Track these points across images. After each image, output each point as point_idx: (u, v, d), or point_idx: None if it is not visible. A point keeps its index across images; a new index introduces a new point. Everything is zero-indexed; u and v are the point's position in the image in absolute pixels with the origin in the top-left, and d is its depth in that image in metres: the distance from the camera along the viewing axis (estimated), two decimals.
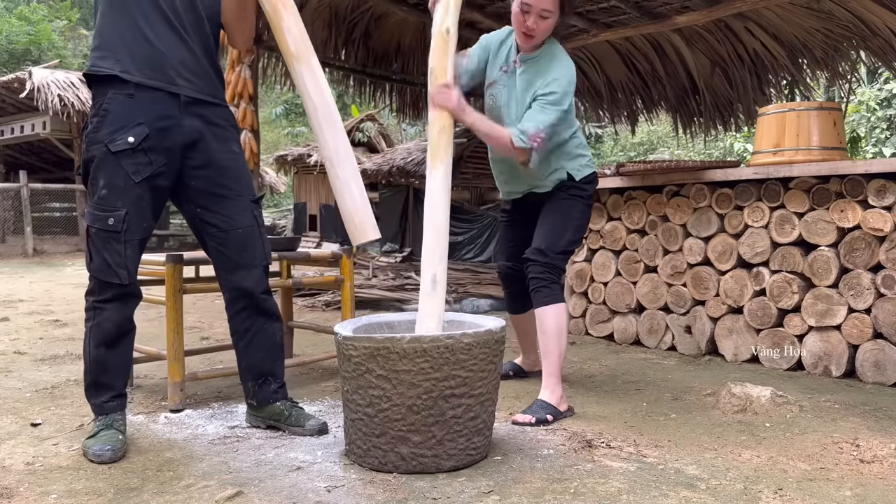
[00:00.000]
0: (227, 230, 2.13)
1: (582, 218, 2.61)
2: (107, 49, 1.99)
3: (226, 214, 2.13)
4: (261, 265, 2.18)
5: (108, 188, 1.97)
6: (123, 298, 2.04)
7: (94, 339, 2.04)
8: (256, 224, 2.18)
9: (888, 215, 2.89)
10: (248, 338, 2.21)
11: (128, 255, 2.00)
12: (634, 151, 15.89)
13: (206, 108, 2.10)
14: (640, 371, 3.19)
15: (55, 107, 10.55)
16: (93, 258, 2.01)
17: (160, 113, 2.00)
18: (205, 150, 2.10)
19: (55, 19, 20.80)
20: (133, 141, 1.96)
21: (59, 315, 4.82)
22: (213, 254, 2.18)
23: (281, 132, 21.00)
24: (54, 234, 12.76)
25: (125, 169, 1.97)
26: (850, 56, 5.15)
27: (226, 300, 2.22)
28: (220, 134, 2.14)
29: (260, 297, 2.19)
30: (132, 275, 2.03)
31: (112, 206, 1.97)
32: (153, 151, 2.00)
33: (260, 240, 2.18)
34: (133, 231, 2.00)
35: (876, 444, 2.10)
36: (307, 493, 1.70)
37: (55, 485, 1.77)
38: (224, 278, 2.19)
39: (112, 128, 1.96)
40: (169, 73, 2.01)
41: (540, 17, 2.39)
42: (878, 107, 10.14)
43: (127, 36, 1.98)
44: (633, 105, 6.69)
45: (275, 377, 2.25)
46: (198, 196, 2.13)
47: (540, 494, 1.70)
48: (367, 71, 6.35)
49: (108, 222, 1.97)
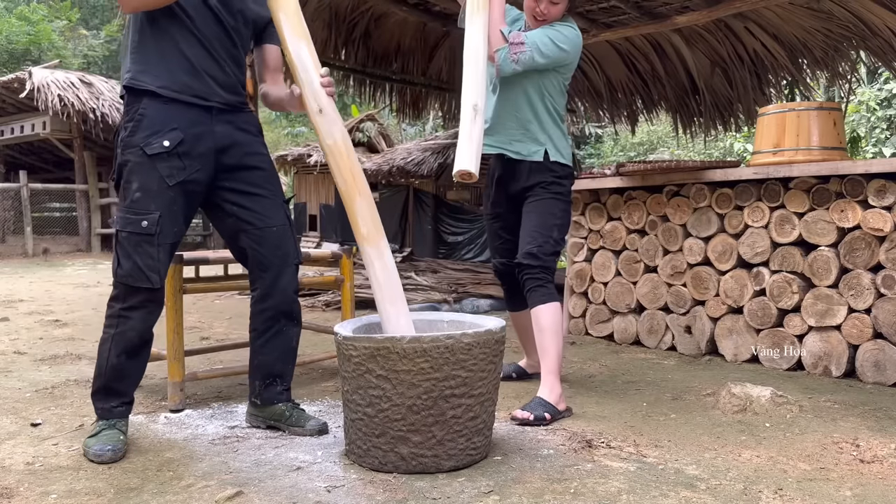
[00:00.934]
0: (263, 227, 2.17)
1: (564, 217, 2.67)
2: (146, 64, 2.05)
3: (261, 212, 2.18)
4: (293, 263, 2.22)
5: (142, 191, 2.00)
6: (150, 306, 2.05)
7: (116, 348, 2.03)
8: (288, 223, 2.23)
9: (888, 215, 2.89)
10: (267, 338, 2.23)
11: (160, 258, 2.02)
12: (634, 151, 15.89)
13: (235, 115, 2.17)
14: (640, 371, 3.19)
15: (55, 107, 10.54)
16: (121, 263, 2.01)
17: (193, 119, 2.06)
18: (237, 154, 2.16)
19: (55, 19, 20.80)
20: (168, 145, 2.00)
21: (59, 315, 4.82)
22: (248, 251, 2.20)
23: (281, 132, 21.01)
24: (54, 234, 12.75)
25: (160, 172, 2.00)
26: (850, 56, 5.15)
27: (255, 297, 2.23)
28: (249, 139, 2.20)
29: (291, 296, 2.22)
30: (163, 279, 2.05)
31: (145, 209, 1.99)
32: (187, 157, 2.04)
33: (292, 238, 2.23)
34: (165, 235, 2.02)
35: (876, 444, 2.10)
36: (307, 493, 1.70)
37: (55, 485, 1.77)
38: (257, 276, 2.21)
39: (148, 132, 2.01)
40: (204, 91, 2.08)
41: (551, 3, 2.53)
42: (878, 107, 10.14)
43: (167, 55, 2.05)
44: (633, 105, 6.69)
45: (283, 380, 2.26)
46: (234, 196, 2.17)
47: (540, 494, 1.70)
48: (367, 71, 6.35)
49: (141, 225, 1.99)
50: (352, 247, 3.23)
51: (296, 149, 13.01)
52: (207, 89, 2.09)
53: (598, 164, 15.25)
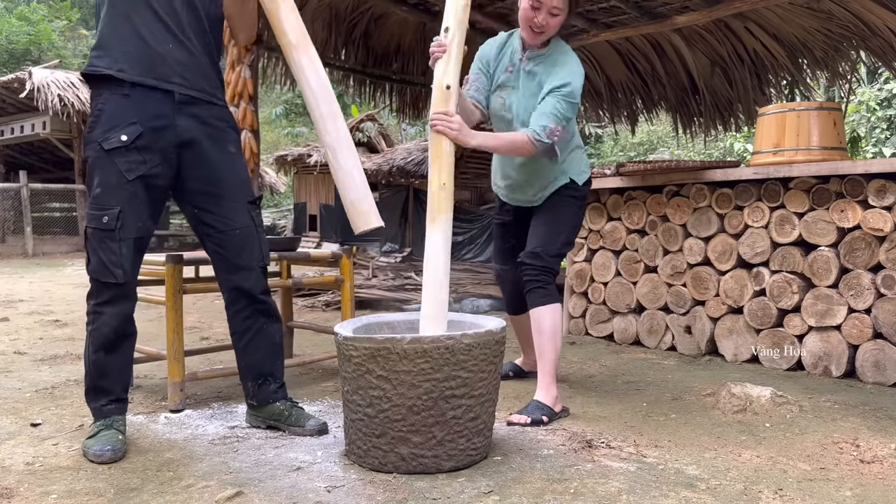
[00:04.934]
0: (225, 231, 2.14)
1: (576, 219, 2.63)
2: (103, 49, 2.01)
3: (223, 215, 2.13)
4: (258, 266, 2.19)
5: (102, 187, 1.99)
6: (120, 300, 2.03)
7: (93, 344, 2.04)
8: (254, 225, 2.18)
9: (888, 215, 2.89)
10: (248, 338, 2.22)
11: (123, 253, 2.00)
12: (634, 151, 15.88)
13: (202, 108, 2.10)
14: (640, 371, 3.19)
15: (55, 107, 10.55)
16: (90, 259, 2.02)
17: (154, 112, 2.01)
18: (199, 151, 2.10)
19: (55, 19, 20.80)
20: (126, 139, 1.97)
21: (59, 315, 4.82)
22: (212, 254, 2.19)
23: (281, 132, 21.00)
24: (54, 234, 12.75)
25: (118, 167, 1.98)
26: (850, 56, 5.15)
27: (225, 300, 2.22)
28: (216, 135, 2.13)
29: (259, 297, 2.19)
30: (128, 274, 2.02)
31: (106, 205, 1.98)
32: (147, 151, 2.00)
33: (258, 240, 2.18)
34: (127, 229, 2.00)
35: (876, 444, 2.10)
36: (307, 493, 1.70)
37: (55, 485, 1.77)
38: (223, 279, 2.19)
39: (106, 127, 1.98)
40: (164, 71, 2.02)
41: (550, 15, 2.40)
42: (878, 107, 10.14)
43: (123, 36, 2.00)
44: (633, 105, 6.69)
45: (274, 377, 2.25)
46: (194, 197, 2.14)
47: (540, 494, 1.70)
48: (367, 71, 6.35)
49: (102, 220, 1.98)
50: (352, 247, 3.23)
51: (296, 149, 13.01)
52: (166, 69, 2.01)
53: (598, 164, 15.25)
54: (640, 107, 6.71)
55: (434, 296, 2.04)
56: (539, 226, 2.59)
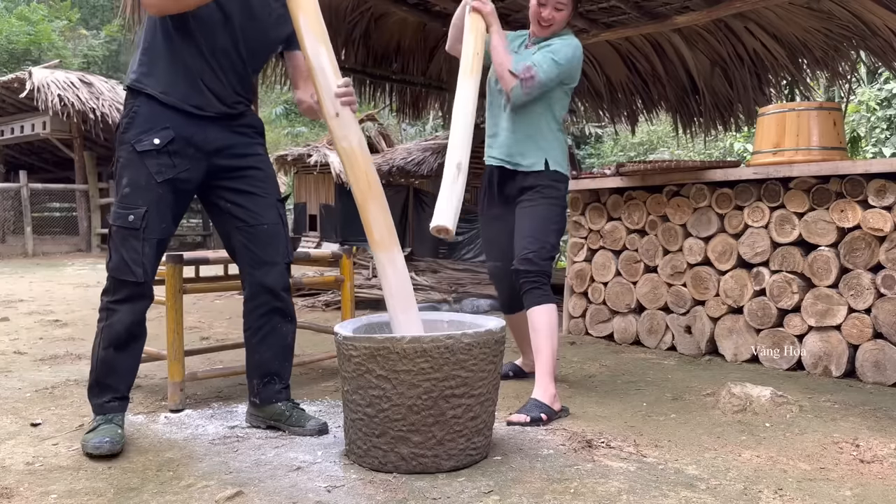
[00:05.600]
0: (255, 225, 2.18)
1: (560, 221, 2.72)
2: (151, 67, 2.07)
3: (254, 210, 2.19)
4: (283, 262, 2.23)
5: (131, 186, 2.03)
6: (136, 299, 2.07)
7: (104, 340, 2.07)
8: (281, 222, 2.24)
9: (888, 215, 2.89)
10: (261, 335, 2.23)
11: (145, 252, 2.04)
12: (634, 151, 15.88)
13: (232, 119, 2.18)
14: (640, 371, 3.19)
15: (55, 107, 10.53)
16: (111, 256, 2.06)
17: (187, 122, 2.08)
18: (232, 155, 2.17)
19: (55, 19, 20.80)
20: (158, 143, 2.03)
21: (59, 315, 4.82)
22: (239, 248, 2.22)
23: (281, 132, 21.01)
24: (54, 234, 12.74)
25: (148, 169, 2.03)
26: (850, 56, 5.16)
27: (245, 296, 2.25)
28: (245, 140, 2.21)
29: (280, 294, 2.22)
30: (148, 273, 2.06)
31: (133, 204, 2.03)
32: (177, 155, 2.06)
33: (284, 237, 2.24)
34: (152, 230, 2.04)
35: (876, 444, 2.10)
36: (307, 493, 1.70)
37: (55, 485, 1.77)
38: (248, 273, 2.22)
39: (139, 129, 2.04)
40: (201, 102, 2.10)
41: (555, 9, 2.60)
42: (878, 107, 10.14)
43: (172, 62, 2.07)
44: (633, 105, 6.69)
45: (280, 378, 2.26)
46: (227, 194, 2.19)
47: (540, 494, 1.70)
48: (367, 71, 6.35)
49: (128, 219, 2.02)
50: (352, 247, 3.23)
51: (296, 149, 13.01)
52: (205, 102, 2.10)
53: (598, 164, 15.25)
54: (640, 107, 6.72)
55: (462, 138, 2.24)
56: (526, 229, 2.65)
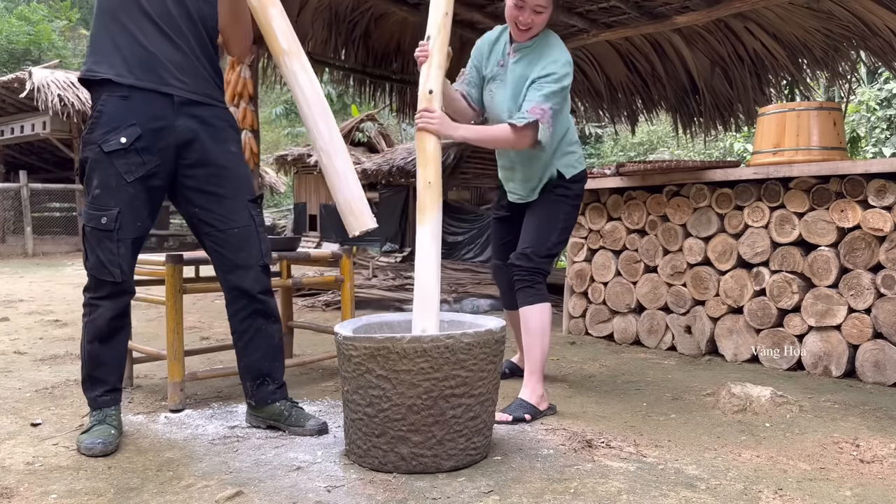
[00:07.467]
0: (224, 230, 2.14)
1: (568, 219, 2.61)
2: (100, 54, 2.03)
3: (222, 214, 2.14)
4: (258, 264, 2.18)
5: (102, 188, 2.01)
6: (117, 296, 2.08)
7: (88, 335, 2.09)
8: (254, 223, 2.18)
9: (888, 215, 2.89)
10: (247, 338, 2.22)
11: (121, 253, 2.03)
12: (634, 151, 15.89)
13: (202, 109, 2.11)
14: (640, 371, 3.19)
15: (55, 107, 10.55)
16: (88, 256, 2.06)
17: (153, 114, 2.03)
18: (199, 150, 2.11)
19: (55, 19, 20.81)
20: (125, 141, 1.99)
21: (59, 315, 4.82)
22: (212, 254, 2.19)
23: (281, 132, 21.01)
24: (54, 234, 12.74)
25: (117, 169, 2.00)
26: (850, 56, 5.16)
27: (226, 300, 2.23)
28: (216, 134, 2.14)
29: (258, 297, 2.19)
30: (126, 273, 2.06)
31: (105, 206, 2.01)
32: (146, 152, 2.02)
33: (257, 239, 2.18)
34: (126, 230, 2.03)
35: (876, 444, 2.10)
36: (307, 493, 1.70)
37: (55, 485, 1.77)
38: (223, 278, 2.20)
39: (105, 129, 2.00)
40: (162, 75, 2.03)
41: (534, 13, 2.42)
42: (878, 107, 10.14)
43: (119, 41, 2.01)
44: (633, 105, 6.69)
45: (273, 378, 2.25)
46: (194, 195, 2.14)
47: (540, 494, 1.70)
48: (367, 71, 6.35)
49: (101, 221, 2.01)
50: (352, 247, 3.23)
51: (296, 149, 13.02)
52: (163, 72, 2.02)
53: (598, 164, 15.25)
54: (640, 107, 6.72)
55: (425, 294, 2.04)
56: (530, 226, 2.60)
